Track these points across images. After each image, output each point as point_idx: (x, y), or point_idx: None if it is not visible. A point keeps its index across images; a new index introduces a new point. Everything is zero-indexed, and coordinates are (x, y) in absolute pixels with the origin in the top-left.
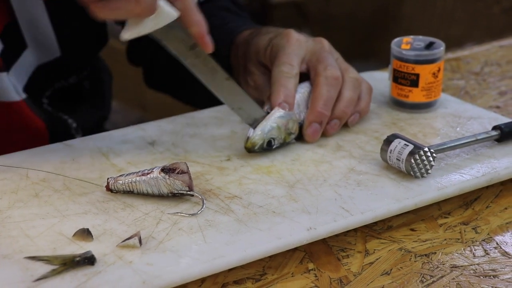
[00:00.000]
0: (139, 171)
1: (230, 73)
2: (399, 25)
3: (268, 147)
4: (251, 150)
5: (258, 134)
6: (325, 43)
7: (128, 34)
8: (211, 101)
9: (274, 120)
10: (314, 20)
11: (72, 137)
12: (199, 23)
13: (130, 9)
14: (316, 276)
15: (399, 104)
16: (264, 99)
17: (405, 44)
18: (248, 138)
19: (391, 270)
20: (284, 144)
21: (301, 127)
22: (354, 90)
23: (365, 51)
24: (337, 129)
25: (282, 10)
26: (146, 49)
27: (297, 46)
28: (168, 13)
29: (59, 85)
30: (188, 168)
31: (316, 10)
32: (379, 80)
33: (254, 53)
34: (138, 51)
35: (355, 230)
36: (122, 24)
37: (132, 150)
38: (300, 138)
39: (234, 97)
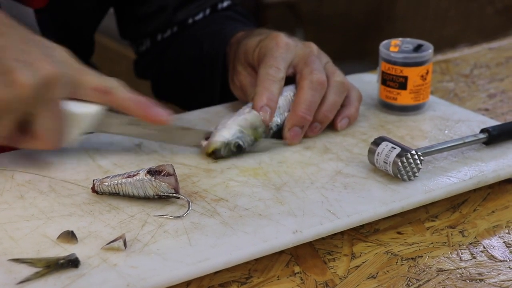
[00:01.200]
0: (125, 173)
1: (226, 74)
2: (392, 25)
3: (237, 151)
4: (216, 156)
5: (218, 137)
6: (314, 47)
7: (70, 143)
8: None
9: (234, 123)
10: (307, 20)
11: None
12: (137, 105)
13: (39, 147)
14: (302, 280)
15: (387, 107)
16: (248, 100)
17: (393, 47)
18: (207, 145)
19: (377, 273)
20: (258, 143)
21: (281, 129)
22: (339, 94)
23: (358, 51)
24: (317, 132)
25: (275, 10)
26: (152, 64)
27: (285, 49)
28: (87, 114)
29: None
30: (174, 170)
31: (309, 10)
32: (368, 82)
33: (243, 53)
34: (145, 66)
35: (342, 233)
36: None
37: (118, 151)
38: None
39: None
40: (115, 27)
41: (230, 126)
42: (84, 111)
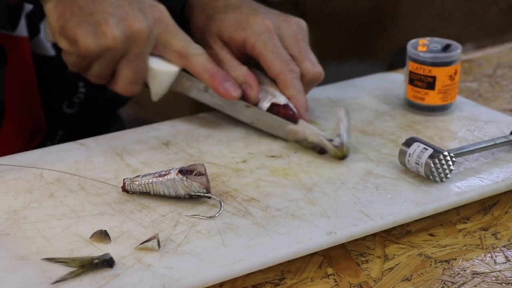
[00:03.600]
0: (156, 172)
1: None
2: (396, 24)
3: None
4: (344, 157)
5: (347, 140)
6: (294, 24)
7: (153, 97)
8: None
9: (348, 122)
10: (311, 18)
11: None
12: (210, 76)
13: (117, 90)
14: (335, 281)
15: (414, 107)
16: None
17: (421, 46)
18: (340, 146)
19: (411, 276)
20: None
21: None
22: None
23: (362, 50)
24: None
25: (279, 7)
26: None
27: (275, 33)
28: (166, 72)
29: None
30: (205, 170)
31: (313, 8)
32: (394, 82)
33: (216, 29)
34: None
35: (374, 234)
36: None
37: (146, 150)
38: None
39: (259, 120)
40: None
41: (343, 130)
42: (162, 69)
